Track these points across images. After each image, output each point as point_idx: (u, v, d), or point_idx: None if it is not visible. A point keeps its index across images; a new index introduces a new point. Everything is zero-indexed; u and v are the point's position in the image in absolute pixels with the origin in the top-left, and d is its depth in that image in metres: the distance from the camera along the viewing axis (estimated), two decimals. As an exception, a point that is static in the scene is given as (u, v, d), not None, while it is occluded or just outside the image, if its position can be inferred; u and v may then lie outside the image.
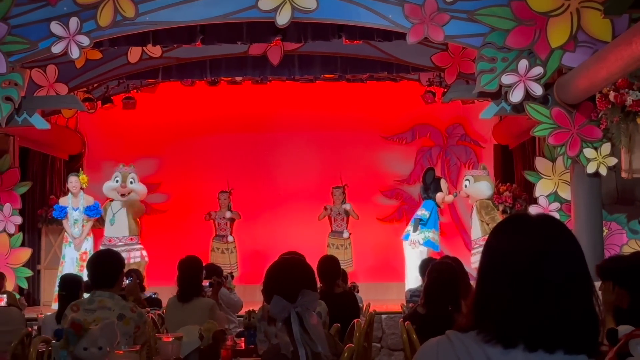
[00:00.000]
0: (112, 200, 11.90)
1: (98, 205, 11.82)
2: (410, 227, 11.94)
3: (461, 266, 6.40)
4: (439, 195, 11.90)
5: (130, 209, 11.87)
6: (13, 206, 10.85)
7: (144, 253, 11.80)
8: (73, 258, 11.44)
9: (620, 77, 7.69)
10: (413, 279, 11.00)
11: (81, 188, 11.65)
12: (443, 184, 12.10)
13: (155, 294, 9.23)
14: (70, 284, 6.16)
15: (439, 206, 12.04)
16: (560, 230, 1.81)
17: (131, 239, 11.77)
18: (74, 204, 11.61)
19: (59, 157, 13.44)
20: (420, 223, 11.77)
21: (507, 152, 13.62)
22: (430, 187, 12.01)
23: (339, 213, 12.65)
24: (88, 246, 11.61)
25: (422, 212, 11.87)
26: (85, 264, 10.43)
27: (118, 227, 11.79)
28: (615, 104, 8.13)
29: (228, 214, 12.80)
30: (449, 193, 12.20)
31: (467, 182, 11.79)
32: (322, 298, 5.40)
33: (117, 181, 11.80)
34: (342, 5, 8.83)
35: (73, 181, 11.65)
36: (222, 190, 12.82)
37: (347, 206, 12.70)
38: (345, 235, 12.63)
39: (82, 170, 12.64)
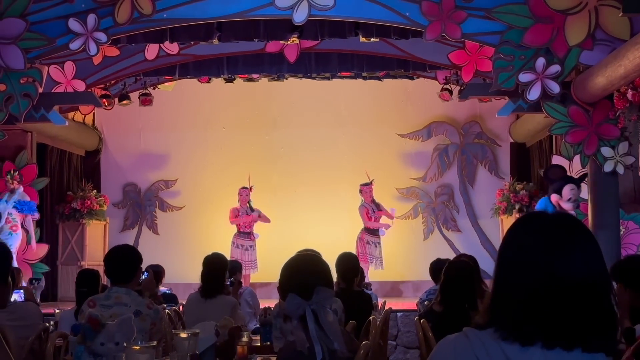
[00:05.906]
0: None
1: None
2: None
3: (477, 264, 6.38)
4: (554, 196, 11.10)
5: None
6: (31, 202, 10.89)
7: None
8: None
9: (638, 76, 7.64)
10: None
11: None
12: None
13: (169, 290, 9.21)
14: (89, 280, 6.14)
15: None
16: (577, 227, 1.80)
17: None
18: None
19: (76, 153, 13.53)
20: None
21: (523, 150, 13.59)
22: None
23: (373, 210, 12.52)
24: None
25: None
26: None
27: None
28: (633, 102, 8.09)
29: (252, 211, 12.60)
30: None
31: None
32: (340, 295, 5.39)
33: None
34: (359, 3, 8.83)
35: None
36: (244, 186, 12.71)
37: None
38: (382, 233, 12.49)
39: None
